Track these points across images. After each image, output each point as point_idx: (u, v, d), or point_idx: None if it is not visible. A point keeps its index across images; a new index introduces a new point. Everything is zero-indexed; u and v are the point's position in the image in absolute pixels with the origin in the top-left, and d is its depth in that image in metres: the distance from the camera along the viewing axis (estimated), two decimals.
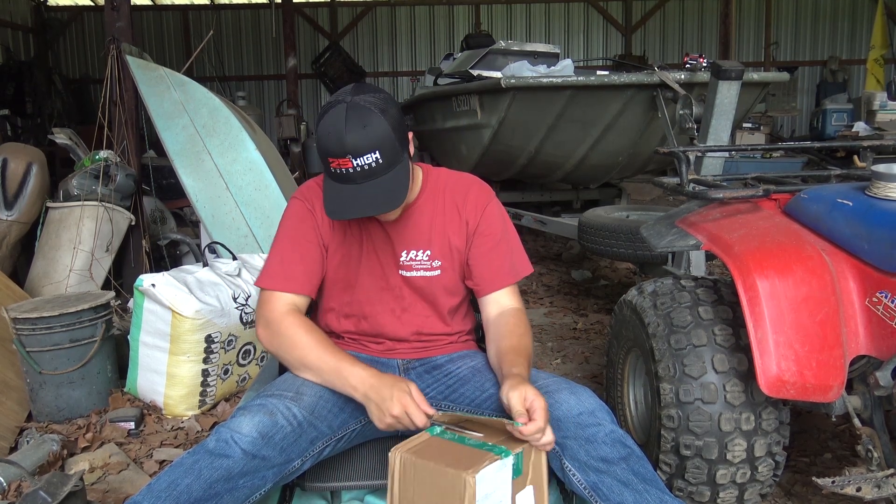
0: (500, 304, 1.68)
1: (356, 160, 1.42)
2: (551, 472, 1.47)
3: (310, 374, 1.53)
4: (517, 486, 1.30)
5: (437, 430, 1.36)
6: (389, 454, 1.29)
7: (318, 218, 1.65)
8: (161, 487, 1.31)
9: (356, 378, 1.44)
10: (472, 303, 1.83)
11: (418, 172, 1.70)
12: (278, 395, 1.47)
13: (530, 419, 1.31)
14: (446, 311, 1.73)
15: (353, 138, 1.41)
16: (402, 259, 1.67)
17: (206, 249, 3.15)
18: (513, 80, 4.52)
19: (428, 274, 1.68)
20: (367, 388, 1.41)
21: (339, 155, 1.42)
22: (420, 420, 1.36)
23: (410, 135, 1.56)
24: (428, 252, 1.67)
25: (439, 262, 1.68)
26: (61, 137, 4.24)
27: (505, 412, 1.39)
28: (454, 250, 1.69)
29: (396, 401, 1.36)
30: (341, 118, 1.42)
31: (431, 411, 1.38)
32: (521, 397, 1.34)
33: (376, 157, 1.43)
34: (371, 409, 1.41)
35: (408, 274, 1.68)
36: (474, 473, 1.22)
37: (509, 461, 1.28)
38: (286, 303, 1.59)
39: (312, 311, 1.84)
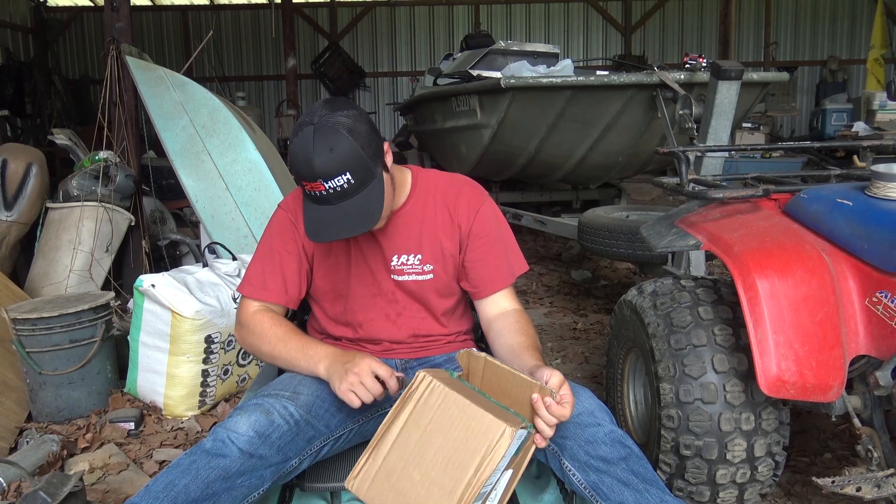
0: (499, 305, 1.68)
1: (327, 183, 1.43)
2: (551, 472, 1.47)
3: (282, 363, 1.59)
4: (508, 463, 1.28)
5: (456, 375, 1.35)
6: (418, 373, 1.28)
7: (300, 230, 1.64)
8: (159, 488, 1.31)
9: (321, 353, 1.50)
10: (469, 302, 1.82)
11: (406, 175, 1.69)
12: (275, 395, 1.47)
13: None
14: (441, 313, 1.72)
15: (321, 162, 1.41)
16: (392, 264, 1.66)
17: (206, 250, 3.15)
18: (512, 81, 4.52)
19: (420, 278, 1.67)
20: (332, 357, 1.48)
21: (310, 179, 1.43)
22: (384, 371, 1.41)
23: (386, 145, 1.54)
24: (419, 256, 1.67)
25: (431, 266, 1.67)
26: (61, 138, 4.24)
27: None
28: (446, 254, 1.68)
29: (360, 358, 1.42)
30: (308, 142, 1.42)
31: (400, 375, 1.44)
32: (559, 383, 1.33)
33: (347, 179, 1.43)
34: (333, 373, 1.44)
35: (399, 278, 1.67)
36: (514, 429, 1.20)
37: (524, 434, 1.25)
38: (261, 306, 1.65)
39: (308, 320, 1.84)
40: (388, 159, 1.56)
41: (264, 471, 1.38)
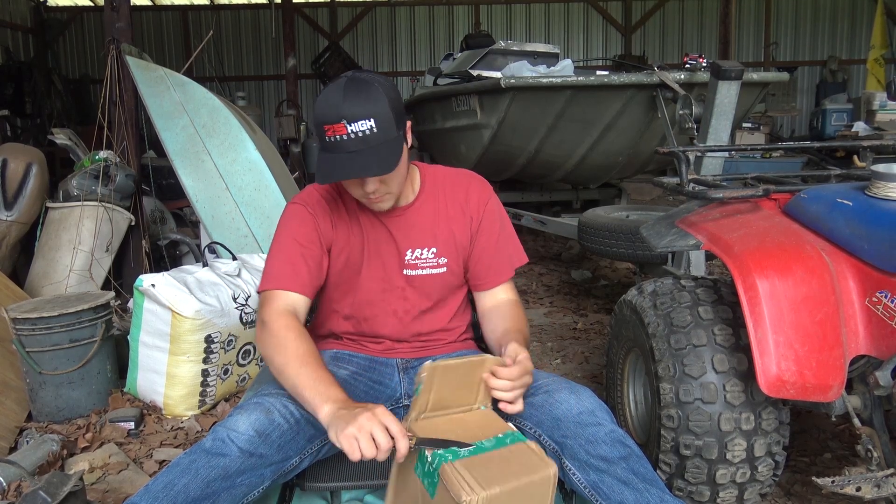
0: (497, 297, 1.71)
1: (350, 125, 1.41)
2: None
3: (286, 383, 1.43)
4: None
5: (448, 455, 1.23)
6: (467, 501, 1.14)
7: (319, 223, 1.63)
8: (158, 488, 1.31)
9: (331, 394, 1.34)
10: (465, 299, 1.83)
11: (415, 172, 1.70)
12: (275, 394, 1.46)
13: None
14: (449, 307, 1.74)
15: (350, 105, 1.41)
16: (406, 258, 1.67)
17: (206, 249, 3.15)
18: (512, 80, 4.52)
19: (434, 272, 1.68)
20: (340, 403, 1.32)
21: (334, 120, 1.41)
22: (396, 427, 1.23)
23: (409, 124, 1.55)
24: (433, 250, 1.68)
25: (445, 260, 1.69)
26: (61, 138, 4.24)
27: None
28: (459, 246, 1.69)
29: (372, 406, 1.27)
30: (340, 87, 1.43)
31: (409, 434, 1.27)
32: (515, 351, 1.43)
33: (370, 126, 1.42)
34: (337, 418, 1.27)
35: (413, 273, 1.68)
36: (553, 467, 1.24)
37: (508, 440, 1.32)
38: (287, 303, 1.54)
39: (313, 313, 1.84)
40: (409, 137, 1.55)
41: (264, 469, 1.38)
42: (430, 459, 1.23)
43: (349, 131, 1.41)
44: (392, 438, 1.22)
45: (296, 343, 1.46)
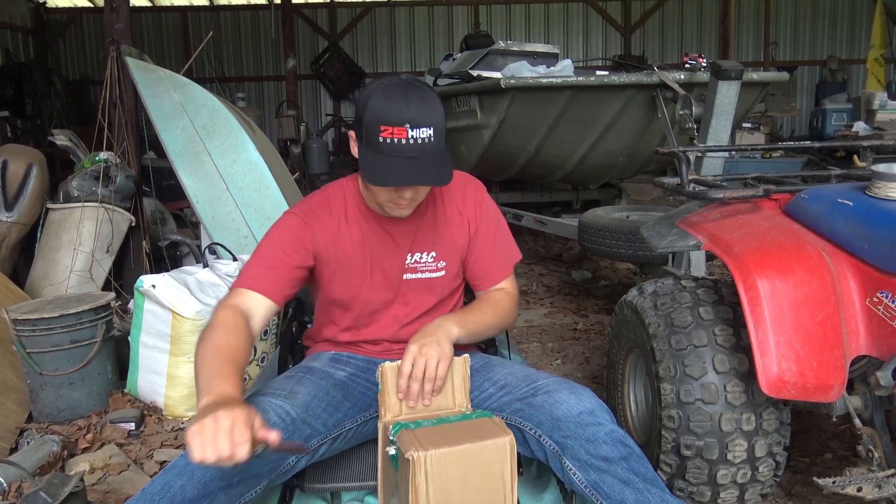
0: (490, 289, 1.75)
1: (412, 131, 1.40)
2: (550, 472, 1.48)
3: (196, 369, 1.37)
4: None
5: (410, 425, 1.35)
6: (411, 457, 1.21)
7: (317, 237, 1.62)
8: (155, 490, 1.30)
9: (218, 389, 1.27)
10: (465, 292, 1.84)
11: None
12: (271, 394, 1.48)
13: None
14: (446, 307, 1.74)
15: (414, 109, 1.40)
16: (407, 262, 1.67)
17: (207, 250, 3.15)
18: (512, 81, 4.52)
19: (433, 275, 1.69)
20: (222, 398, 1.24)
21: (397, 123, 1.39)
22: (272, 436, 1.20)
23: None
24: (433, 253, 1.68)
25: (444, 263, 1.69)
26: (61, 139, 4.24)
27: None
28: (458, 249, 1.70)
29: (244, 407, 1.21)
30: (400, 89, 1.42)
31: (277, 436, 1.22)
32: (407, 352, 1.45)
33: (430, 134, 1.42)
34: (204, 411, 1.20)
35: (413, 276, 1.68)
36: (509, 435, 1.28)
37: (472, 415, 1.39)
38: (245, 301, 1.51)
39: (312, 324, 1.84)
40: None
41: (261, 469, 1.38)
42: (392, 436, 1.31)
43: (409, 136, 1.40)
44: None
45: (221, 335, 1.41)
